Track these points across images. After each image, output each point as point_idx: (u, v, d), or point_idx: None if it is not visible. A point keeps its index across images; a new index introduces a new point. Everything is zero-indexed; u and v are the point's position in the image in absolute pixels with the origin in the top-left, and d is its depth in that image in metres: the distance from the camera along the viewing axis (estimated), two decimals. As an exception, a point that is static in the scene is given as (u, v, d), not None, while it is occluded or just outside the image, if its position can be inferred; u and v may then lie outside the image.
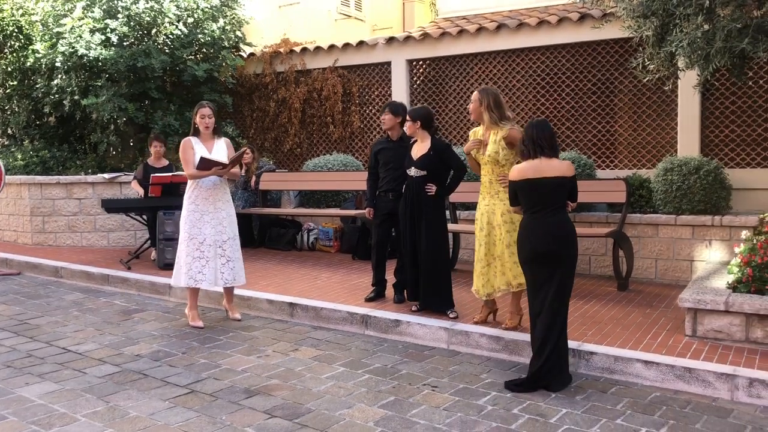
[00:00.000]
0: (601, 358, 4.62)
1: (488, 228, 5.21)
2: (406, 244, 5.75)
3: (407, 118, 5.73)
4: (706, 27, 4.81)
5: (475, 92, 5.26)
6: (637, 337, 5.00)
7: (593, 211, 7.43)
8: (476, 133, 5.35)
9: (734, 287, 5.00)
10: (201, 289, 6.64)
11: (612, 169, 8.09)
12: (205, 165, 5.65)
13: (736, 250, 5.42)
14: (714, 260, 6.60)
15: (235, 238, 5.89)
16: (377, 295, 6.18)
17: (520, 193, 4.44)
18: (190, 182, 5.79)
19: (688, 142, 7.54)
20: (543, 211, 4.34)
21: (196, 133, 5.79)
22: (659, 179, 6.97)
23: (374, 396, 4.20)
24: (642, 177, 7.32)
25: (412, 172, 5.66)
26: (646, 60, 5.49)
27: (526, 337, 4.94)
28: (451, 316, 5.53)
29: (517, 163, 4.64)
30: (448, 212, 7.73)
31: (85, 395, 4.21)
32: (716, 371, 4.24)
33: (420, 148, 5.68)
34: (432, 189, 5.59)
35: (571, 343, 4.79)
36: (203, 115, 5.73)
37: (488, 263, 5.23)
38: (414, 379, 4.50)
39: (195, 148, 5.71)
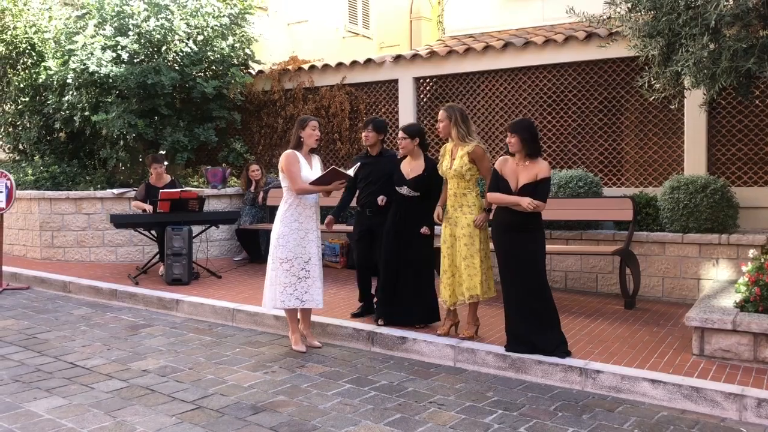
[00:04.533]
0: (608, 376, 4.61)
1: (451, 240, 5.41)
2: (388, 257, 5.73)
3: (402, 135, 5.72)
4: (711, 47, 4.84)
5: (442, 110, 5.46)
6: (644, 355, 4.98)
7: (600, 229, 7.44)
8: (446, 149, 5.51)
9: (742, 306, 4.99)
10: (207, 304, 6.70)
11: (618, 187, 8.09)
12: (329, 178, 5.40)
13: (744, 269, 5.41)
14: (721, 279, 6.59)
15: (321, 259, 5.68)
16: (365, 311, 6.17)
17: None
18: (291, 199, 5.46)
19: (694, 161, 7.54)
20: None
21: (298, 147, 5.51)
22: (666, 197, 6.98)
23: (380, 413, 4.20)
24: (648, 195, 7.33)
25: (404, 191, 5.67)
26: (652, 79, 5.52)
27: (533, 356, 4.94)
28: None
29: (532, 158, 5.04)
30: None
31: (93, 410, 4.23)
32: (724, 391, 4.23)
33: (413, 166, 5.69)
34: (427, 231, 5.63)
35: (578, 362, 4.81)
36: (315, 127, 5.48)
37: (452, 274, 5.42)
38: (420, 397, 4.49)
39: (300, 163, 5.44)
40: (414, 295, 5.71)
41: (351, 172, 5.55)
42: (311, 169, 5.52)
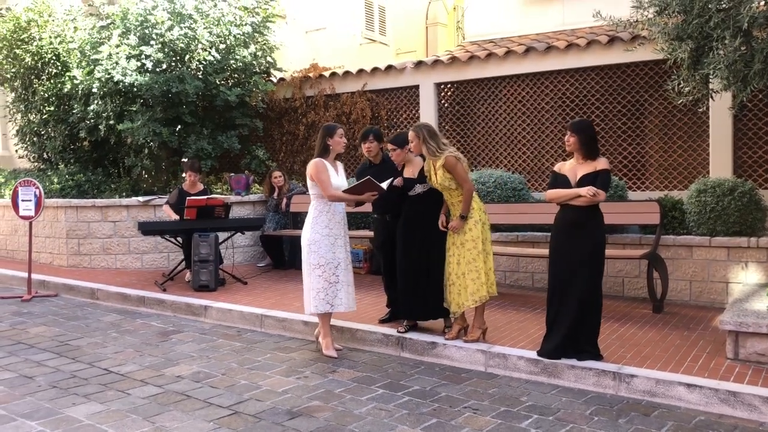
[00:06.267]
0: (642, 381, 4.59)
1: (453, 249, 5.50)
2: (415, 259, 5.68)
3: (392, 146, 5.76)
4: (743, 49, 4.83)
5: (410, 130, 5.58)
6: (677, 359, 4.96)
7: (626, 233, 7.41)
8: (429, 164, 5.60)
9: (775, 310, 4.96)
10: (236, 310, 6.75)
11: (643, 190, 8.06)
12: (362, 188, 5.46)
13: (776, 272, 5.38)
14: (751, 282, 6.54)
15: (351, 263, 5.74)
16: (392, 317, 6.17)
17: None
18: (320, 206, 5.53)
19: (720, 163, 7.51)
20: None
21: (324, 154, 5.57)
22: (692, 201, 6.95)
23: (416, 418, 4.21)
24: (674, 199, 7.30)
25: (418, 189, 5.71)
26: (681, 82, 5.51)
27: (565, 360, 4.93)
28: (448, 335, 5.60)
29: (590, 158, 5.00)
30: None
31: (131, 416, 4.27)
32: (762, 395, 4.20)
33: (414, 168, 5.77)
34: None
35: (611, 366, 4.80)
36: (342, 135, 5.60)
37: (453, 282, 5.49)
38: (454, 402, 4.50)
39: (329, 171, 5.52)
40: (437, 292, 5.64)
41: (385, 185, 5.56)
42: (337, 175, 5.60)
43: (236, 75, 10.21)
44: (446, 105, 9.56)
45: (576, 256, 4.96)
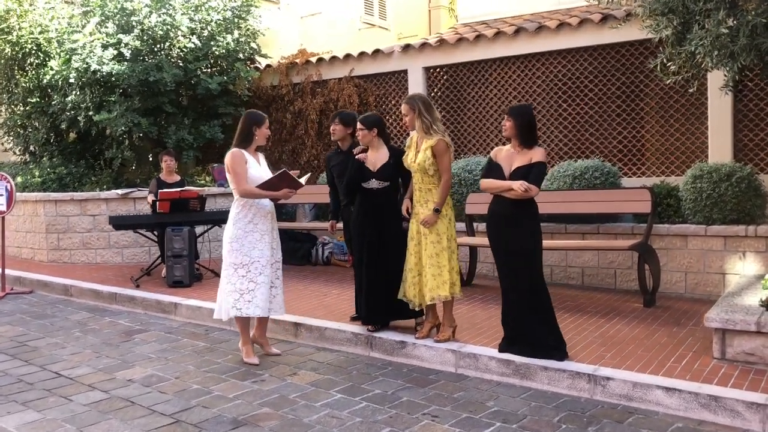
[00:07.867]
0: (619, 383, 4.25)
1: (418, 237, 5.13)
2: (373, 257, 5.35)
3: (360, 126, 5.42)
4: (729, 22, 4.42)
5: (404, 103, 5.20)
6: (659, 359, 4.60)
7: (618, 222, 7.02)
8: (412, 140, 5.24)
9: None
10: (206, 307, 6.47)
11: (639, 176, 7.65)
12: (277, 182, 5.03)
13: (771, 263, 5.00)
14: (748, 274, 6.14)
15: (280, 262, 5.29)
16: None
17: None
18: (243, 200, 5.08)
19: (719, 147, 7.07)
20: None
21: (246, 144, 5.13)
22: (688, 187, 6.55)
23: (368, 427, 3.90)
24: (670, 185, 6.90)
25: (373, 184, 5.34)
26: (665, 60, 5.10)
27: (538, 361, 4.59)
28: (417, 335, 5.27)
29: (526, 146, 4.71)
30: (464, 224, 7.47)
31: (65, 425, 4.00)
32: (746, 400, 3.84)
33: (377, 157, 5.37)
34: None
35: (587, 367, 4.46)
36: (268, 126, 5.19)
37: (419, 272, 5.13)
38: (414, 408, 4.19)
39: (248, 162, 5.08)
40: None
41: (303, 180, 5.23)
42: (260, 166, 5.17)
43: (219, 62, 9.88)
44: (436, 90, 9.18)
45: (513, 249, 4.69)
